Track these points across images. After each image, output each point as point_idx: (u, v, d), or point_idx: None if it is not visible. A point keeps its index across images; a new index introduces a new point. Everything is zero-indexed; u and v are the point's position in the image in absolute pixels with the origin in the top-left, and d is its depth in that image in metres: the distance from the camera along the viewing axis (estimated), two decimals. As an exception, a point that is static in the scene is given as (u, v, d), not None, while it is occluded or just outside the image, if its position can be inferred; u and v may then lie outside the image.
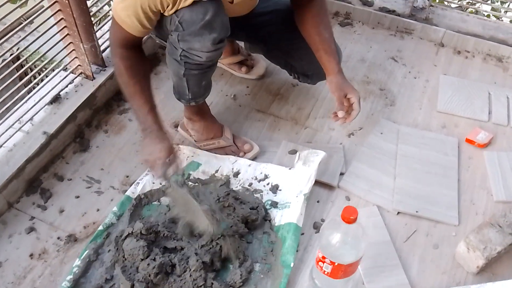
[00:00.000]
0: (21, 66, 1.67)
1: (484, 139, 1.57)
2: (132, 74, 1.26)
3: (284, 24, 1.49)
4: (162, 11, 1.19)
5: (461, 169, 1.51)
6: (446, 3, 2.40)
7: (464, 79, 1.81)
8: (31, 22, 1.50)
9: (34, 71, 1.63)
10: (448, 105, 1.70)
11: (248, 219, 1.33)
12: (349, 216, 1.00)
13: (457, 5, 2.27)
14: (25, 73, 1.63)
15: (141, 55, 1.31)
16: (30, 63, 1.69)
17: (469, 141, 1.58)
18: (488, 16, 2.58)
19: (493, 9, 2.84)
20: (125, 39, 1.24)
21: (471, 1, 2.75)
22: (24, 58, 1.59)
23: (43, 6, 1.47)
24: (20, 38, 1.48)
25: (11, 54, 1.52)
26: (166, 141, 1.26)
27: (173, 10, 1.17)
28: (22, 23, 1.53)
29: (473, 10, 2.50)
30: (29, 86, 1.54)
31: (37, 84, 1.56)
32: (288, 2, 1.45)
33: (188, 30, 1.18)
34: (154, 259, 1.19)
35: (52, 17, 1.47)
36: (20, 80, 1.52)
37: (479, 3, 2.41)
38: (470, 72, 1.85)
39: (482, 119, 1.66)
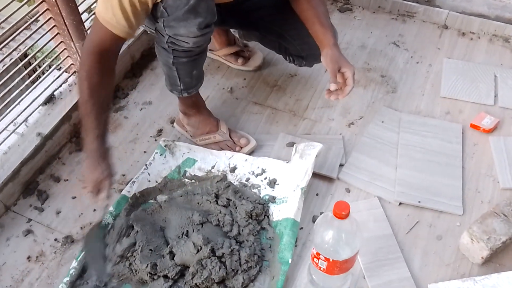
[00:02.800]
0: (29, 63, 1.66)
1: (489, 124, 1.51)
2: (93, 93, 1.16)
3: (276, 6, 1.44)
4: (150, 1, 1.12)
5: (466, 156, 1.46)
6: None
7: (469, 62, 1.74)
8: (37, 20, 1.48)
9: (41, 69, 1.61)
10: (452, 90, 1.64)
11: (252, 214, 1.30)
12: (341, 212, 0.96)
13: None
14: (34, 70, 1.61)
15: (110, 71, 1.21)
16: (37, 61, 1.67)
17: (474, 126, 1.53)
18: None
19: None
20: (104, 44, 1.15)
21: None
22: (31, 55, 1.58)
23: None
24: (26, 36, 1.46)
25: (18, 53, 1.52)
26: (105, 165, 1.19)
27: None
28: (27, 21, 1.50)
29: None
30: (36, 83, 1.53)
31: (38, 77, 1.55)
32: None
33: (173, 16, 1.14)
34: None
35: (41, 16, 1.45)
36: (29, 78, 1.52)
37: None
38: (476, 54, 1.79)
39: (488, 103, 1.60)
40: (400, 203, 1.36)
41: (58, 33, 1.49)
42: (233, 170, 1.43)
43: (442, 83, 1.67)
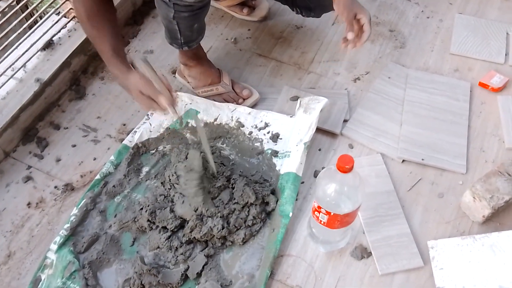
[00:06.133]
0: (26, 7, 1.61)
1: (498, 83, 1.48)
2: (92, 18, 1.14)
3: None
4: None
5: (472, 115, 1.44)
6: None
7: (481, 19, 1.68)
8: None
9: (38, 13, 1.56)
10: (462, 47, 1.60)
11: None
12: (345, 166, 0.95)
13: None
14: (31, 14, 1.57)
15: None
16: (34, 5, 1.62)
17: (482, 85, 1.49)
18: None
19: None
20: None
21: None
22: None
23: None
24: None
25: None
26: (132, 74, 1.13)
27: None
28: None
29: None
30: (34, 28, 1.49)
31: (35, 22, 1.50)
32: None
33: None
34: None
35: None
36: (27, 21, 1.47)
37: None
38: (489, 11, 1.72)
39: (498, 61, 1.56)
40: (403, 160, 1.35)
41: (56, -25, 1.43)
42: (242, 125, 1.40)
43: (452, 39, 1.62)
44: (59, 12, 1.55)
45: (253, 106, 1.46)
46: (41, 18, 1.53)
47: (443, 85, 1.49)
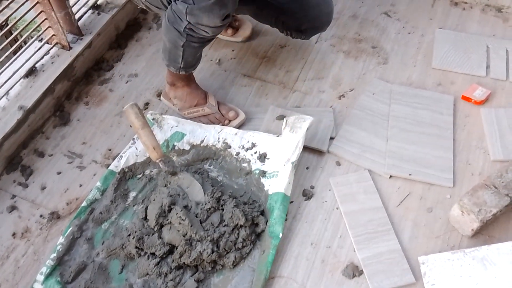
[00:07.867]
0: (10, 33, 1.60)
1: (481, 96, 1.50)
2: None
3: None
4: None
5: (457, 128, 1.45)
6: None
7: (462, 33, 1.71)
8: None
9: (21, 40, 1.56)
10: (444, 61, 1.62)
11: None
12: None
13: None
14: (15, 40, 1.57)
15: None
16: (17, 32, 1.61)
17: (465, 98, 1.51)
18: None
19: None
20: None
21: None
22: (10, 25, 1.51)
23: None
24: (5, 5, 1.40)
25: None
26: None
27: None
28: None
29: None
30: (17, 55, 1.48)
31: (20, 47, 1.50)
32: None
33: (199, 5, 1.14)
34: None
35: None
36: (11, 47, 1.47)
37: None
38: (468, 25, 1.76)
39: (479, 74, 1.58)
40: (391, 176, 1.35)
41: (38, 2, 1.42)
42: (229, 146, 1.39)
43: (434, 54, 1.64)
44: (41, 39, 1.54)
45: (240, 126, 1.45)
46: (25, 43, 1.52)
47: (427, 100, 1.50)
